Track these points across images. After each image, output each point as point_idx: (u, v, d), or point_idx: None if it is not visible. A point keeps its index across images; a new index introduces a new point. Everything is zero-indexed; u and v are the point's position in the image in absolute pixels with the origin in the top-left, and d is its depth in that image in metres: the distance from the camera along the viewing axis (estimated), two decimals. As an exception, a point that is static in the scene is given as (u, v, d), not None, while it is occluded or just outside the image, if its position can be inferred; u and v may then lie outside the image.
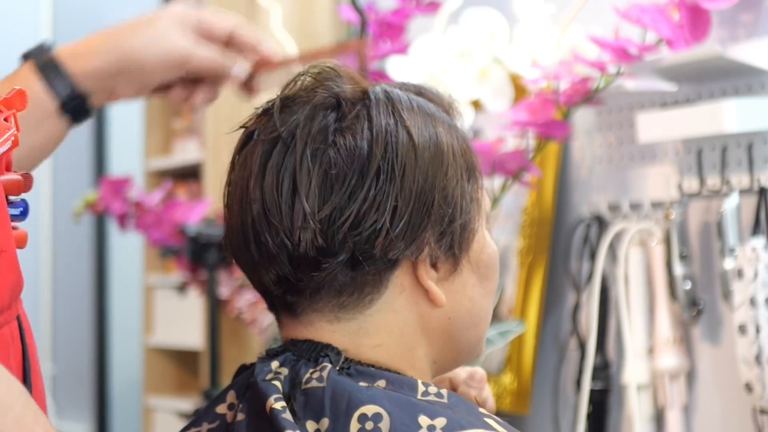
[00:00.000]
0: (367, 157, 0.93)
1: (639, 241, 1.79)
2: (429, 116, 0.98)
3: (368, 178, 0.93)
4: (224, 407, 0.99)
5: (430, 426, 0.89)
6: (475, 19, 1.84)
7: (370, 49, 0.93)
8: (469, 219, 0.98)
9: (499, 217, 1.97)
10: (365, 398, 0.90)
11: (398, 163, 0.93)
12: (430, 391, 0.94)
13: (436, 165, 0.95)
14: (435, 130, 0.97)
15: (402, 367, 0.97)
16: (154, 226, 2.74)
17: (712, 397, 1.73)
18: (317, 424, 0.90)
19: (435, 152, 0.96)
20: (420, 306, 0.98)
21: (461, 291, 0.99)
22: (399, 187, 0.93)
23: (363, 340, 0.96)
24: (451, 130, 0.99)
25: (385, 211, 0.93)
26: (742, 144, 1.63)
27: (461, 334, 1.01)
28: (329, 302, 0.96)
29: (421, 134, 0.96)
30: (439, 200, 0.95)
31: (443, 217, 0.96)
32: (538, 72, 1.76)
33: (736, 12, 1.66)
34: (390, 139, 0.94)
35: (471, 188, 0.99)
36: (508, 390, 1.99)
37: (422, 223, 0.95)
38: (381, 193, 0.93)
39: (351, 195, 0.93)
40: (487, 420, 0.92)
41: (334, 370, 0.93)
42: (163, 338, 3.47)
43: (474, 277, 1.00)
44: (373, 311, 0.96)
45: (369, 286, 0.95)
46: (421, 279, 0.96)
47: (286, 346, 0.98)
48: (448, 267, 0.98)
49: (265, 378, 0.95)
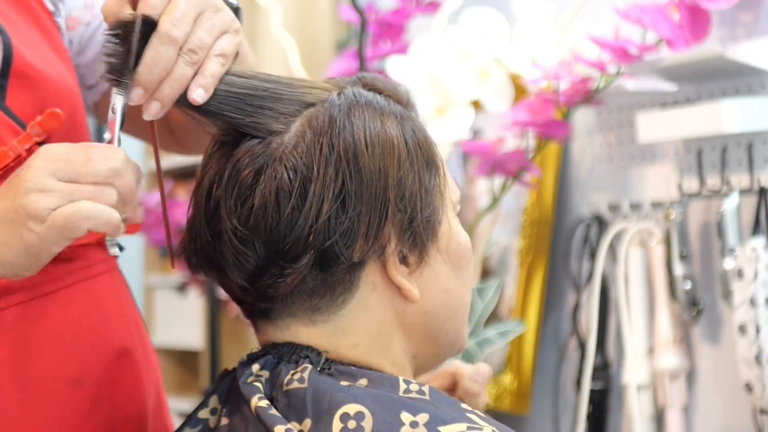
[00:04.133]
0: (316, 160, 0.92)
1: (639, 241, 1.79)
2: (377, 110, 0.96)
3: (316, 180, 0.92)
4: (206, 412, 1.00)
5: (413, 422, 0.89)
6: (475, 19, 1.84)
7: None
8: (432, 210, 0.97)
9: (499, 217, 1.97)
10: (347, 397, 0.90)
11: (349, 164, 0.92)
12: (412, 388, 0.94)
13: (388, 160, 0.94)
14: (384, 124, 0.95)
15: (382, 364, 0.97)
16: (154, 226, 2.74)
17: (712, 397, 1.73)
18: (300, 425, 0.90)
19: (385, 147, 0.94)
20: (394, 302, 0.97)
21: (434, 283, 0.98)
22: (350, 186, 0.92)
23: (340, 341, 0.96)
24: (403, 121, 0.97)
25: (341, 211, 0.92)
26: (742, 144, 1.63)
27: (439, 327, 1.00)
28: (302, 306, 0.95)
29: (369, 131, 0.94)
30: (395, 195, 0.94)
31: (403, 211, 0.94)
32: (538, 72, 1.75)
33: (736, 12, 1.66)
34: (337, 140, 0.93)
35: (431, 179, 0.97)
36: (508, 390, 1.99)
37: (381, 220, 0.93)
38: (332, 194, 0.92)
39: (303, 200, 0.92)
40: (469, 415, 0.92)
41: (315, 371, 0.93)
42: (163, 338, 3.47)
43: (446, 267, 0.99)
44: (347, 311, 0.96)
45: (340, 287, 0.95)
46: (391, 275, 0.95)
47: (266, 350, 0.98)
48: (416, 260, 0.96)
49: (247, 381, 0.94)
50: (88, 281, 1.12)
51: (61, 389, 1.07)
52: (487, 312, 1.79)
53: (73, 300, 1.10)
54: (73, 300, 1.10)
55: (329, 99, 0.95)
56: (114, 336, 1.13)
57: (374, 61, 2.08)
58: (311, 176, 0.92)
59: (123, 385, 1.13)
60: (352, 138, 0.93)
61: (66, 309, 1.09)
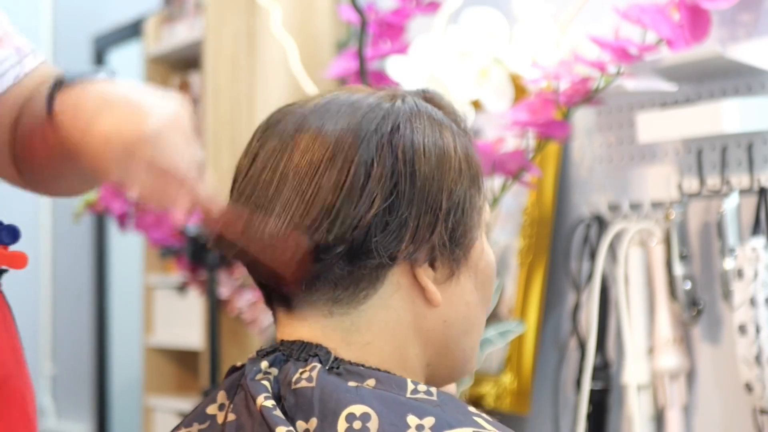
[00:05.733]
0: (375, 160, 0.94)
1: (639, 241, 1.79)
2: (436, 122, 0.99)
3: (373, 179, 0.94)
4: (215, 407, 1.00)
5: (419, 425, 0.89)
6: (475, 19, 1.84)
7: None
8: (472, 225, 0.99)
9: (499, 217, 1.97)
10: (354, 398, 0.91)
11: (405, 166, 0.95)
12: (420, 390, 0.94)
13: (443, 169, 0.97)
14: (442, 135, 0.98)
15: (392, 367, 0.97)
16: (154, 226, 2.74)
17: (712, 397, 1.73)
18: (306, 424, 0.91)
19: (441, 157, 0.97)
20: (416, 305, 0.98)
21: (458, 295, 1.00)
22: (404, 188, 0.94)
23: (354, 337, 0.97)
24: (458, 137, 1.00)
25: (389, 211, 0.94)
26: (742, 144, 1.63)
27: (456, 339, 1.01)
28: (324, 295, 0.96)
29: (427, 139, 0.97)
30: (445, 203, 0.96)
31: (447, 220, 0.96)
32: (538, 72, 1.76)
33: (736, 12, 1.66)
34: (397, 142, 0.95)
35: (474, 195, 1.00)
36: (508, 390, 1.99)
37: (427, 225, 0.95)
38: (385, 193, 0.94)
39: (360, 195, 0.94)
40: (476, 419, 0.92)
41: (323, 370, 0.94)
42: (163, 338, 3.47)
43: (471, 283, 1.01)
44: (367, 307, 0.97)
45: (365, 281, 0.96)
46: (418, 277, 0.97)
47: (276, 347, 0.98)
48: (447, 270, 0.98)
49: (255, 378, 0.95)
50: None
51: None
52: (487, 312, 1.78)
53: None
54: None
55: (394, 104, 0.98)
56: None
57: (374, 61, 2.08)
58: (370, 172, 0.94)
59: (6, 416, 1.09)
60: (411, 142, 0.96)
61: None
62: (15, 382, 1.12)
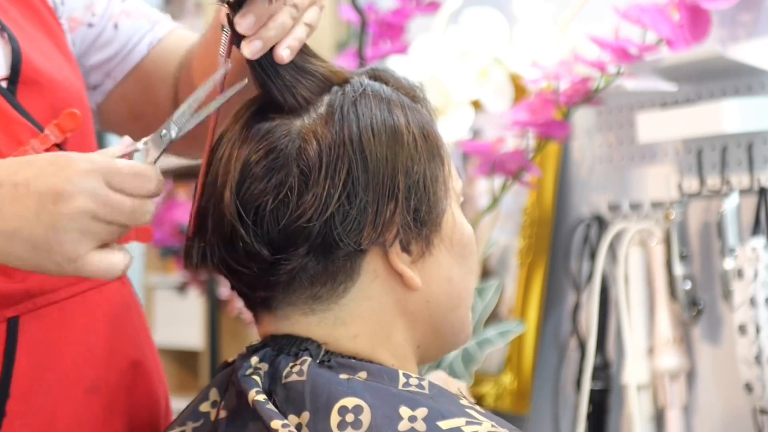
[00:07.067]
0: (322, 147, 0.93)
1: (639, 241, 1.79)
2: (384, 100, 0.97)
3: (322, 168, 0.92)
4: (207, 405, 1.00)
5: (411, 417, 0.89)
6: (475, 19, 1.84)
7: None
8: (437, 200, 0.97)
9: (499, 217, 1.97)
10: (345, 391, 0.90)
11: (355, 152, 0.93)
12: (411, 382, 0.94)
13: (396, 148, 0.95)
14: (391, 113, 0.96)
15: (383, 356, 0.97)
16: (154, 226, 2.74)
17: (712, 397, 1.73)
18: (298, 418, 0.90)
19: (393, 135, 0.95)
20: (396, 291, 0.97)
21: (437, 273, 0.98)
22: (357, 174, 0.93)
23: (340, 331, 0.96)
24: (411, 111, 0.98)
25: (348, 199, 0.93)
26: (742, 144, 1.63)
27: (442, 317, 1.00)
28: (303, 294, 0.95)
29: (375, 119, 0.95)
30: (403, 183, 0.94)
31: (408, 199, 0.95)
32: (538, 72, 1.76)
33: (736, 12, 1.66)
34: (342, 128, 0.94)
35: (436, 169, 0.98)
36: (508, 390, 1.99)
37: (387, 208, 0.94)
38: (339, 183, 0.92)
39: (307, 186, 0.92)
40: (468, 410, 0.92)
41: (314, 364, 0.93)
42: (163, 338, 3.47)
43: (449, 257, 0.99)
44: (348, 300, 0.96)
45: (341, 275, 0.95)
46: (393, 263, 0.96)
47: (266, 342, 0.98)
48: (420, 249, 0.97)
49: (245, 373, 0.95)
50: (101, 287, 1.12)
51: (79, 395, 1.07)
52: (487, 312, 1.78)
53: (88, 306, 1.10)
54: (88, 306, 1.10)
55: (333, 89, 0.97)
56: (127, 344, 1.13)
57: (374, 61, 2.08)
58: (318, 165, 0.92)
59: (137, 394, 1.13)
60: (358, 127, 0.94)
61: (82, 315, 1.09)
62: (148, 365, 1.15)
